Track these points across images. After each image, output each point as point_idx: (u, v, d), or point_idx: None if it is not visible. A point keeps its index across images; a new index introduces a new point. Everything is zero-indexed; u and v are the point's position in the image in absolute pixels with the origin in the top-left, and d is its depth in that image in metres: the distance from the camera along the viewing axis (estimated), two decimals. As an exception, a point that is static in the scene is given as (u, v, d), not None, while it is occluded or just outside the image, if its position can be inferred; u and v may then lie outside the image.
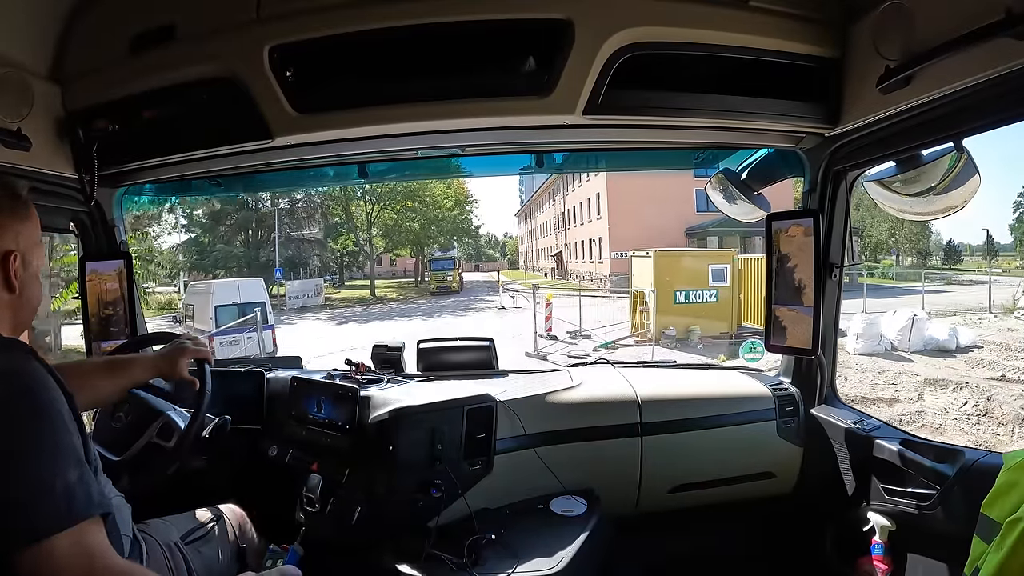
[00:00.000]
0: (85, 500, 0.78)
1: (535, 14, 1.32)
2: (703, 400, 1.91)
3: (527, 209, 52.11)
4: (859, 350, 9.42)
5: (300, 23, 1.34)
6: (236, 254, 28.35)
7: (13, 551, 0.72)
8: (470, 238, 43.77)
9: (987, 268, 31.71)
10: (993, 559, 0.87)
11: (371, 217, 29.85)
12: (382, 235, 31.21)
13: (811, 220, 1.70)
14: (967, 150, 1.31)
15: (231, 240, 28.90)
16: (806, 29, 1.40)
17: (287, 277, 27.06)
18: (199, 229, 28.81)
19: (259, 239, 29.15)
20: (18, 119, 1.37)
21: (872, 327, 9.67)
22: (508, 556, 1.46)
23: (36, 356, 0.84)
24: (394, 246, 32.96)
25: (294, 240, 30.40)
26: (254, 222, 28.86)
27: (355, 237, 31.37)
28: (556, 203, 37.18)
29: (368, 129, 1.48)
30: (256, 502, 1.64)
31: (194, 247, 28.62)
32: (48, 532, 0.73)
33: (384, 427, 1.62)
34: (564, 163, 2.18)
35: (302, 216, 30.64)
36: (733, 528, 2.01)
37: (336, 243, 32.21)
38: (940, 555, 1.44)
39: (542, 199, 43.02)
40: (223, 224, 28.67)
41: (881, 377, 7.82)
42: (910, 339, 9.47)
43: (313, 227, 31.45)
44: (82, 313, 1.94)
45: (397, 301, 27.50)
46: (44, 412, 0.80)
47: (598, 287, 25.08)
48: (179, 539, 1.30)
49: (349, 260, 34.79)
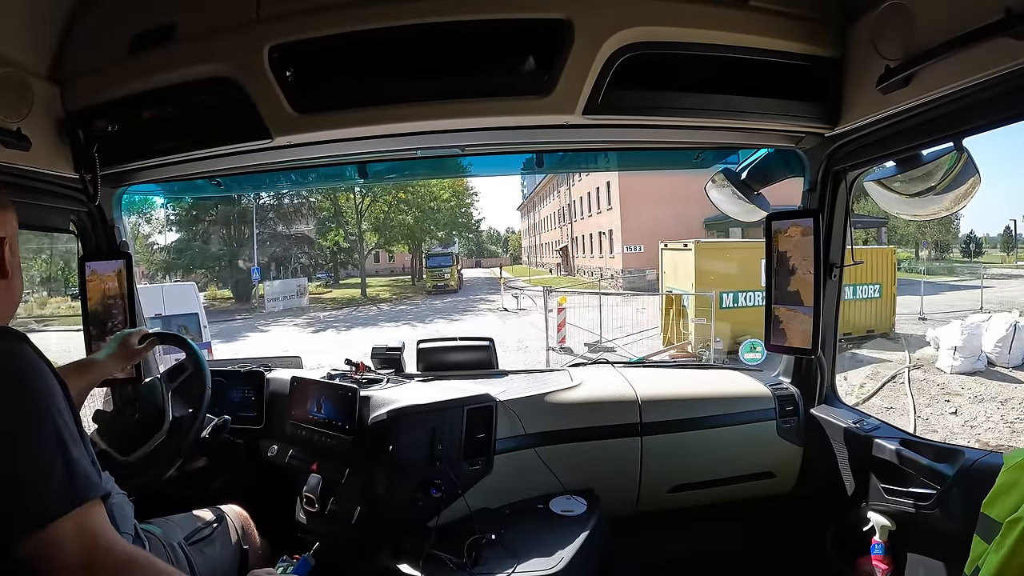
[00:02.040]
0: (85, 482, 0.78)
1: (534, 14, 1.32)
2: (703, 400, 1.91)
3: (530, 203, 50.49)
4: (957, 368, 7.58)
5: (300, 23, 1.33)
6: (214, 252, 25.85)
7: (17, 535, 0.72)
8: (471, 233, 40.74)
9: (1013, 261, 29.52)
10: (993, 559, 0.87)
11: (361, 210, 27.67)
12: (373, 229, 29.06)
13: (811, 220, 1.70)
14: (967, 150, 1.31)
15: (211, 238, 26.06)
16: (806, 29, 1.39)
17: (266, 277, 24.82)
18: (175, 226, 26.31)
19: (244, 236, 26.18)
20: (18, 119, 1.37)
21: (973, 338, 7.77)
22: (508, 556, 1.46)
23: (28, 342, 0.84)
24: (387, 241, 30.60)
25: (280, 237, 28.26)
26: (235, 217, 25.80)
27: (344, 232, 28.94)
28: (561, 195, 35.37)
29: (368, 129, 1.47)
30: (256, 502, 1.64)
31: (170, 244, 26.19)
32: (52, 516, 0.74)
33: (384, 427, 1.62)
34: (564, 163, 2.18)
35: (288, 211, 28.30)
36: (733, 528, 2.01)
37: (325, 239, 29.84)
38: (940, 555, 1.44)
39: (545, 191, 41.32)
40: (202, 220, 25.76)
41: (1012, 411, 5.86)
42: (1010, 351, 7.62)
43: (300, 223, 29.21)
44: (82, 313, 1.94)
45: (389, 302, 25.55)
46: (40, 397, 0.80)
47: (609, 284, 23.08)
48: (182, 539, 1.30)
49: (344, 257, 32.07)
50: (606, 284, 22.60)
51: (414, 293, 28.56)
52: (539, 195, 44.27)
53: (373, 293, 28.22)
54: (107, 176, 1.68)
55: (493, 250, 66.35)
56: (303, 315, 21.05)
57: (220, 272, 26.46)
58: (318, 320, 19.58)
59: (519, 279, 32.64)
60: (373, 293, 28.22)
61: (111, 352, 1.46)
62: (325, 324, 18.54)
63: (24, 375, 0.80)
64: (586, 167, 2.21)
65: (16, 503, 0.73)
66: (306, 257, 30.28)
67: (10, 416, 0.77)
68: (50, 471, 0.76)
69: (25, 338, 0.84)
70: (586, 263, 29.87)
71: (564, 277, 32.10)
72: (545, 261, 43.34)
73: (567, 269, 34.43)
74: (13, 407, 0.77)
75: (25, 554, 0.72)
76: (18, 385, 0.79)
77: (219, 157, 1.62)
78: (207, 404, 1.48)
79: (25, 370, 0.81)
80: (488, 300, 22.89)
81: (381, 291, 29.28)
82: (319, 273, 32.94)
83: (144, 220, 24.81)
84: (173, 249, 25.94)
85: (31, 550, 0.72)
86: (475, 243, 51.82)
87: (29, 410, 0.79)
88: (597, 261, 27.41)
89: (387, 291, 29.49)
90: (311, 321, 19.45)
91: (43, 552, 0.73)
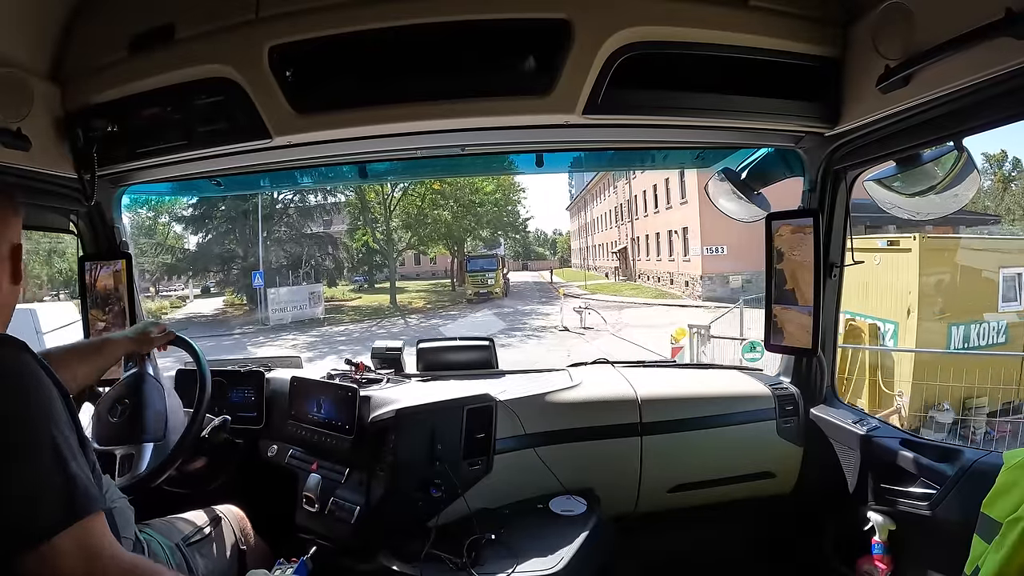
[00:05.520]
0: (85, 496, 0.77)
1: (534, 14, 1.32)
2: (703, 400, 1.91)
3: (580, 202, 46.95)
4: None
5: (299, 23, 1.33)
6: (218, 253, 23.14)
7: (16, 551, 0.71)
8: (517, 233, 35.71)
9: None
10: (993, 559, 0.87)
11: (390, 204, 23.85)
12: (404, 227, 25.35)
13: (811, 220, 1.70)
14: (967, 150, 1.31)
15: (222, 237, 23.48)
16: (806, 29, 1.39)
17: (277, 282, 21.14)
18: (181, 224, 23.83)
19: (261, 237, 23.05)
20: (18, 119, 1.37)
21: None
22: (508, 556, 1.46)
23: (28, 350, 0.83)
24: (421, 241, 26.52)
25: (297, 238, 24.64)
26: (249, 214, 22.51)
27: (371, 231, 25.49)
28: (618, 190, 31.11)
29: (368, 129, 1.47)
30: (255, 502, 1.64)
31: (173, 243, 23.90)
32: (52, 531, 0.73)
33: (384, 427, 1.62)
34: (564, 163, 2.18)
35: (308, 208, 25.07)
36: (733, 528, 2.01)
37: (353, 239, 26.85)
38: (940, 555, 1.44)
39: (598, 188, 37.15)
40: (212, 217, 22.94)
41: None
42: None
43: (321, 222, 25.82)
44: (82, 314, 1.94)
45: (422, 312, 21.84)
46: (40, 408, 0.79)
47: (684, 293, 19.73)
48: (180, 541, 1.30)
49: (380, 260, 28.40)
50: (677, 292, 19.61)
51: (451, 301, 25.01)
52: (591, 192, 40.33)
53: (405, 301, 24.71)
54: (107, 176, 1.68)
55: (540, 252, 62.94)
56: (312, 329, 17.70)
57: (237, 276, 23.69)
58: (325, 339, 15.36)
59: (572, 284, 29.26)
60: (405, 301, 24.71)
61: (130, 335, 1.45)
62: (331, 346, 14.51)
63: (22, 387, 0.79)
64: (587, 167, 2.22)
65: (14, 519, 0.72)
66: (330, 259, 26.56)
67: (7, 429, 0.76)
68: (48, 487, 0.75)
69: (24, 346, 0.83)
70: (650, 267, 25.87)
71: (623, 283, 28.68)
72: (599, 264, 39.31)
73: (626, 274, 30.89)
74: (10, 420, 0.76)
75: (25, 570, 0.71)
76: (15, 397, 0.78)
77: (219, 157, 1.61)
78: (207, 404, 1.48)
79: (23, 381, 0.79)
80: (541, 313, 18.57)
81: (414, 299, 26.03)
82: (355, 277, 30.36)
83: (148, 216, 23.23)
84: (179, 249, 23.99)
85: (31, 566, 0.71)
86: (522, 244, 47.16)
87: (27, 424, 0.77)
88: (666, 265, 23.32)
89: (421, 299, 26.20)
90: (316, 341, 15.44)
91: (43, 568, 0.72)
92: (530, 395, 1.83)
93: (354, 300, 25.89)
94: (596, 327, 13.20)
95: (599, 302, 16.79)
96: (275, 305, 19.25)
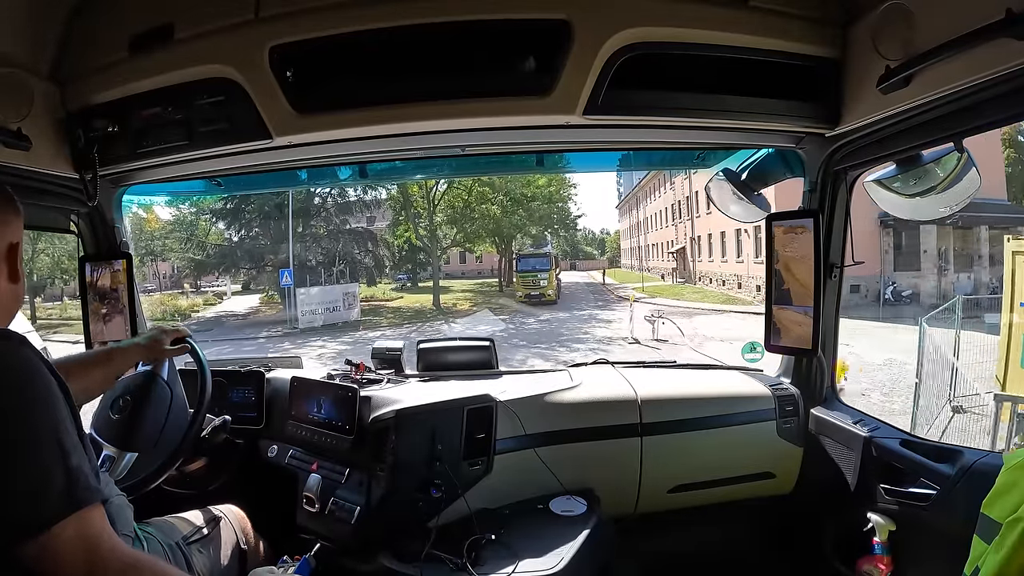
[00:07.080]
0: (85, 487, 0.78)
1: (534, 14, 1.32)
2: (703, 400, 1.91)
3: (630, 200, 44.18)
4: None
5: (300, 23, 1.33)
6: (248, 249, 21.66)
7: (16, 542, 0.72)
8: (566, 231, 32.88)
9: None
10: (993, 559, 0.87)
11: (434, 198, 21.79)
12: (449, 221, 23.46)
13: (811, 220, 1.70)
14: (967, 150, 1.31)
15: (255, 233, 22.00)
16: (806, 29, 1.39)
17: (306, 281, 19.12)
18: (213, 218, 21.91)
19: (296, 233, 21.15)
20: (18, 119, 1.37)
21: None
22: (508, 556, 1.46)
23: (28, 344, 0.83)
24: (466, 237, 24.64)
25: (334, 235, 22.58)
26: (284, 208, 20.49)
27: (413, 227, 23.41)
28: (675, 187, 28.93)
29: (368, 129, 1.47)
30: (256, 502, 1.64)
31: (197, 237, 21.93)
32: (51, 521, 0.73)
33: (384, 427, 1.62)
34: (565, 163, 2.19)
35: (350, 203, 22.74)
36: (733, 528, 2.01)
37: (395, 235, 25.02)
38: (940, 555, 1.43)
39: (652, 185, 34.56)
40: (243, 211, 21.09)
41: None
42: None
43: (360, 217, 23.61)
44: (82, 314, 1.94)
45: (467, 315, 19.52)
46: (41, 401, 0.79)
47: (752, 298, 17.92)
48: (180, 540, 1.30)
49: (424, 258, 26.37)
50: (747, 297, 17.76)
51: (499, 303, 22.64)
52: (644, 190, 37.81)
53: (450, 302, 22.28)
54: (107, 176, 1.68)
55: (589, 251, 59.98)
56: (344, 334, 15.31)
57: (269, 273, 22.02)
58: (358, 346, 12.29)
59: (626, 285, 26.49)
60: (450, 302, 22.28)
61: (141, 343, 1.40)
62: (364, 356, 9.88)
63: (23, 380, 0.79)
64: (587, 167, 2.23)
65: (16, 511, 0.73)
66: (369, 257, 24.28)
67: (8, 423, 0.76)
68: (50, 480, 0.75)
69: (24, 340, 0.83)
70: (713, 269, 23.69)
71: (683, 286, 26.31)
72: (654, 265, 36.23)
73: (683, 275, 28.53)
74: (11, 414, 0.77)
75: (26, 559, 0.72)
76: (16, 390, 0.78)
77: (219, 157, 1.62)
78: (207, 404, 1.48)
79: (24, 374, 0.80)
80: (601, 320, 16.46)
81: (459, 299, 23.49)
82: (398, 275, 28.46)
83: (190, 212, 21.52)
84: (210, 245, 22.18)
85: (31, 555, 0.72)
86: (570, 243, 43.04)
87: (28, 417, 0.78)
88: (732, 266, 21.47)
89: (467, 299, 23.65)
90: (347, 350, 12.24)
91: (43, 557, 0.73)
92: (530, 395, 1.83)
93: (395, 300, 23.92)
94: (671, 339, 11.58)
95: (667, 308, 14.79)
96: (304, 306, 17.60)
